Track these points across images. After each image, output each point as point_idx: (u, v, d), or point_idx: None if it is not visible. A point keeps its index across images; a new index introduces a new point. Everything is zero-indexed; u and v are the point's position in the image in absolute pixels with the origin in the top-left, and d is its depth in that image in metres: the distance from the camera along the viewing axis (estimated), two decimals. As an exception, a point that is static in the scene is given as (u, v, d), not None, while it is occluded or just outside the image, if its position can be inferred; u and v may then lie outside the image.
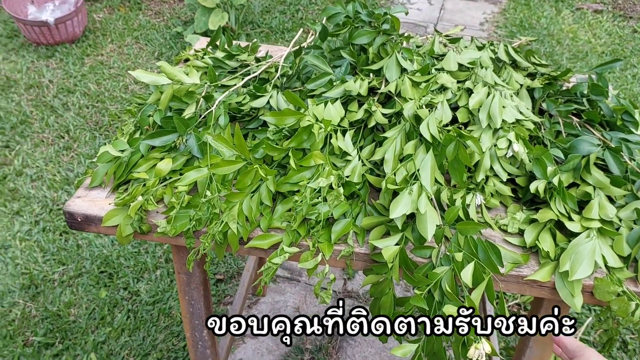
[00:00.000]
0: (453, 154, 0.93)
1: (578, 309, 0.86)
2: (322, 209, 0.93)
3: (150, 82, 1.10)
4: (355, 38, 1.22)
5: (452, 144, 0.92)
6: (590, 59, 3.77)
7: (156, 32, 3.73)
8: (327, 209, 0.93)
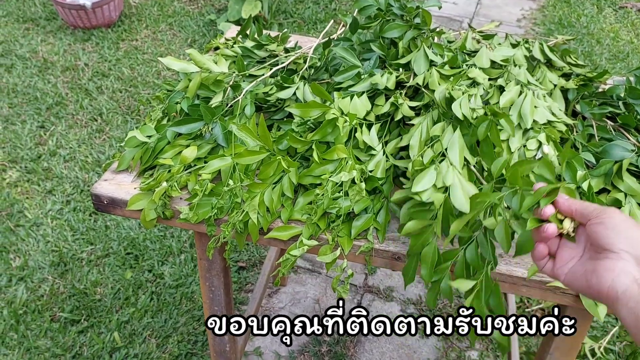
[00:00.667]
0: (485, 133, 0.88)
1: (601, 319, 0.84)
2: (343, 204, 0.92)
3: (179, 69, 1.11)
4: (386, 31, 1.21)
5: (484, 123, 0.88)
6: (632, 59, 3.64)
7: (190, 19, 3.76)
8: (348, 204, 0.92)
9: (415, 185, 0.84)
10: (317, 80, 1.22)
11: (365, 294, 2.09)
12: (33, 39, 3.52)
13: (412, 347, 1.91)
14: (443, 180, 0.83)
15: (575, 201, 0.66)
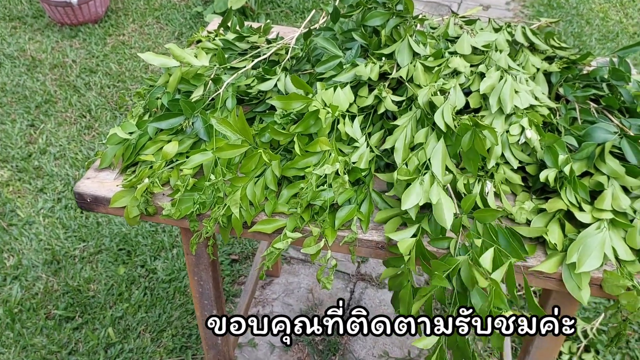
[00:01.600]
0: (469, 144, 0.90)
1: (585, 303, 0.84)
2: (326, 195, 0.92)
3: (159, 64, 1.10)
4: (368, 20, 1.20)
5: (468, 134, 0.90)
6: (621, 39, 3.63)
7: (177, 12, 3.73)
8: (332, 195, 0.92)
9: (404, 203, 0.87)
10: (299, 71, 1.21)
11: (357, 282, 2.10)
12: (20, 37, 3.49)
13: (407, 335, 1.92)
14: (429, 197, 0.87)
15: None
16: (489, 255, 0.82)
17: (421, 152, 0.91)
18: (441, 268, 0.83)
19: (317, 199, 0.90)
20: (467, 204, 0.88)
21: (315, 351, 1.85)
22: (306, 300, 2.02)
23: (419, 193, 0.87)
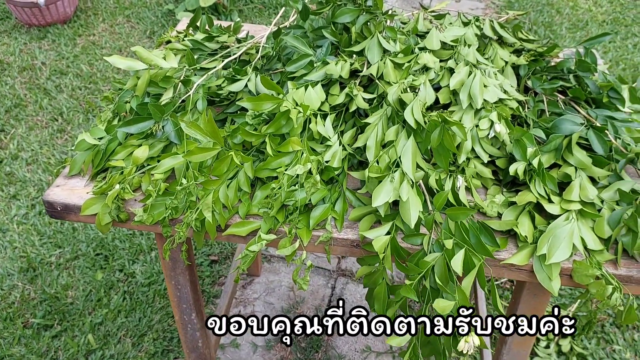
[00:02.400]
0: (438, 140, 0.91)
1: (555, 293, 0.86)
2: (299, 196, 0.92)
3: (126, 67, 1.09)
4: (338, 17, 1.20)
5: (436, 130, 0.91)
6: (591, 27, 3.69)
7: (148, 10, 3.67)
8: (304, 196, 0.92)
9: (375, 201, 0.87)
10: (270, 70, 1.20)
11: (338, 277, 2.10)
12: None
13: (388, 327, 1.94)
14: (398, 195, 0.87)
15: None
16: (459, 257, 0.83)
17: (392, 149, 0.92)
18: (415, 271, 0.84)
19: (290, 199, 0.90)
20: (439, 200, 0.88)
21: (298, 349, 1.86)
22: (287, 299, 2.03)
23: (389, 190, 0.87)
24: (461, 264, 0.82)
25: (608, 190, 0.96)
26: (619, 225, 0.90)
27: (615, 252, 0.90)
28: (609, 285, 0.83)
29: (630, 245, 0.88)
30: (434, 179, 0.95)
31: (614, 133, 1.04)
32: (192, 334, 1.37)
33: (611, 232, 0.90)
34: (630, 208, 0.91)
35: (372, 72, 1.09)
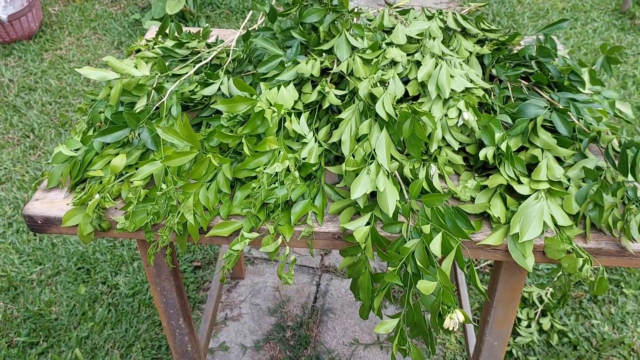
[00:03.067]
0: (409, 130, 0.94)
1: (530, 269, 0.89)
2: (279, 193, 0.94)
3: (98, 78, 1.09)
4: (305, 17, 1.22)
5: (407, 121, 0.94)
6: (552, 15, 3.79)
7: (114, 21, 3.65)
8: (285, 193, 0.94)
9: (353, 193, 0.90)
10: (242, 72, 1.22)
11: (323, 274, 2.13)
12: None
13: (373, 319, 1.97)
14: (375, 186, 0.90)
15: None
16: (437, 240, 0.86)
17: (366, 142, 0.95)
18: (396, 258, 0.87)
19: (271, 197, 0.92)
20: (414, 189, 0.92)
21: (287, 347, 1.88)
22: (273, 299, 2.04)
23: (366, 182, 0.90)
24: (440, 247, 0.85)
25: (574, 168, 1.00)
26: (586, 201, 0.94)
27: (584, 227, 0.94)
28: (579, 258, 0.87)
29: (597, 219, 0.92)
30: (408, 169, 0.98)
31: (576, 114, 1.09)
32: (180, 339, 1.38)
33: (579, 208, 0.94)
34: (596, 184, 0.95)
35: (342, 69, 1.12)
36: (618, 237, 0.92)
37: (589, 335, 1.88)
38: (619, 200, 0.93)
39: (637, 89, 3.04)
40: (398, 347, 0.86)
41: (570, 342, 1.86)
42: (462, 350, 1.86)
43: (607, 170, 0.99)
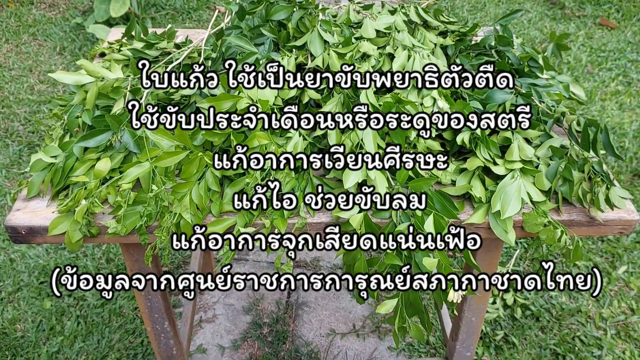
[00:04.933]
0: None
1: (512, 244, 0.96)
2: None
3: (72, 82, 1.07)
4: (273, 14, 1.24)
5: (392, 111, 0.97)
6: (489, 8, 3.97)
7: (54, 26, 3.50)
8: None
9: (345, 182, 0.93)
10: (215, 71, 1.22)
11: (294, 269, 2.15)
12: None
13: (347, 309, 2.01)
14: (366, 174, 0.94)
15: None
16: (430, 221, 0.91)
17: (353, 133, 0.98)
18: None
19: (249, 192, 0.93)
20: (401, 175, 0.96)
21: (265, 343, 1.89)
22: (247, 298, 2.05)
23: (357, 172, 0.94)
24: (433, 227, 0.89)
25: (541, 148, 1.08)
26: (556, 177, 1.02)
27: (556, 201, 1.01)
28: (557, 229, 0.94)
29: (568, 193, 1.00)
30: None
31: (538, 98, 1.17)
32: (165, 342, 1.37)
33: (550, 184, 1.02)
34: (563, 161, 1.03)
35: (318, 63, 1.14)
36: (588, 209, 1.00)
37: (549, 306, 2.00)
38: (585, 174, 1.01)
39: (572, 74, 3.24)
40: (399, 326, 0.90)
41: (533, 314, 1.98)
42: (434, 331, 1.93)
43: (571, 148, 1.07)
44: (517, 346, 1.88)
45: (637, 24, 3.78)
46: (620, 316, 1.97)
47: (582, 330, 1.93)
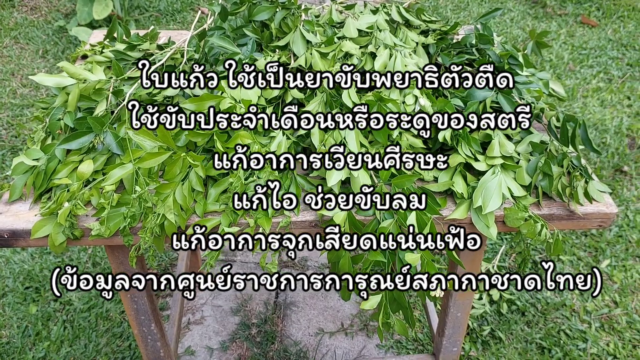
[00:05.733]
0: None
1: (494, 238, 0.97)
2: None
3: (54, 84, 1.07)
4: (255, 15, 1.24)
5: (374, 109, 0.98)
6: (472, 7, 4.00)
7: (36, 29, 3.47)
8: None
9: (329, 180, 0.94)
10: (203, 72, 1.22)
11: (281, 269, 2.15)
12: None
13: (335, 308, 2.02)
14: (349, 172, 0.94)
15: None
16: (413, 217, 0.92)
17: (336, 132, 0.99)
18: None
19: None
20: (384, 173, 0.97)
21: (254, 344, 1.89)
22: (235, 299, 2.04)
23: (340, 171, 0.94)
24: (416, 223, 0.90)
25: (522, 144, 1.09)
26: (536, 172, 1.04)
27: (536, 196, 1.03)
28: (537, 223, 0.96)
29: (548, 188, 1.02)
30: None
31: (518, 94, 1.18)
32: (153, 345, 1.37)
33: (530, 179, 1.03)
34: (543, 156, 1.05)
35: (300, 63, 1.15)
36: (567, 203, 1.02)
37: (535, 301, 2.02)
38: (565, 169, 1.03)
39: (554, 72, 3.29)
40: (383, 322, 0.91)
41: (519, 309, 2.00)
42: (422, 328, 1.95)
43: (550, 143, 1.09)
44: (503, 341, 1.90)
45: (617, 21, 3.84)
46: (604, 309, 2.00)
47: (567, 323, 1.95)
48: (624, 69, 3.33)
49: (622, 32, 3.69)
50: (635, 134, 2.81)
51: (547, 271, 2.12)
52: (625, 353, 1.86)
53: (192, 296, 1.72)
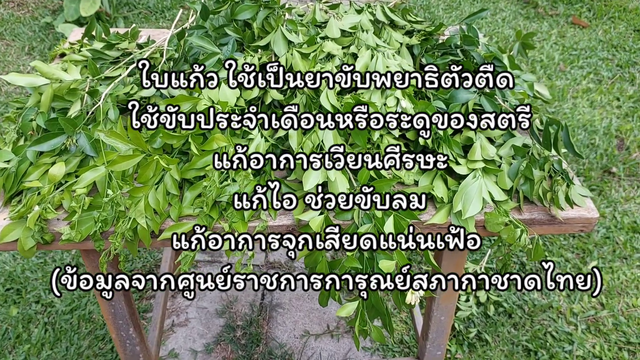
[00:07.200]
0: None
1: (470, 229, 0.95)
2: (232, 190, 0.94)
3: (26, 84, 1.04)
4: (238, 14, 1.22)
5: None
6: (464, 7, 3.99)
7: (23, 25, 3.43)
8: (237, 189, 0.94)
9: (305, 184, 0.92)
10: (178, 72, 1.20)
11: (268, 270, 2.13)
12: None
13: (321, 310, 2.00)
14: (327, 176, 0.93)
15: None
16: (390, 222, 0.90)
17: (314, 134, 0.97)
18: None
19: (223, 195, 0.92)
20: (362, 176, 0.95)
21: (238, 347, 1.87)
22: (220, 300, 2.02)
23: (317, 173, 0.92)
24: (393, 228, 0.89)
25: (504, 147, 1.08)
26: (517, 176, 1.02)
27: (517, 200, 1.01)
28: (517, 229, 0.94)
29: (529, 192, 1.00)
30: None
31: (501, 97, 1.17)
32: (131, 349, 1.34)
33: (512, 183, 1.02)
34: (525, 160, 1.03)
35: (281, 63, 1.13)
36: (548, 207, 1.00)
37: (522, 303, 2.01)
38: (546, 173, 1.01)
39: (544, 72, 3.28)
40: (360, 329, 0.89)
41: (506, 311, 1.99)
42: (408, 330, 1.93)
43: (533, 147, 1.07)
44: (490, 343, 1.89)
45: (607, 22, 3.84)
46: (591, 311, 2.00)
47: (554, 326, 1.94)
48: (613, 70, 3.33)
49: (613, 33, 3.69)
50: (624, 135, 2.81)
51: (547, 271, 2.11)
52: (611, 355, 1.86)
53: (192, 296, 1.71)
